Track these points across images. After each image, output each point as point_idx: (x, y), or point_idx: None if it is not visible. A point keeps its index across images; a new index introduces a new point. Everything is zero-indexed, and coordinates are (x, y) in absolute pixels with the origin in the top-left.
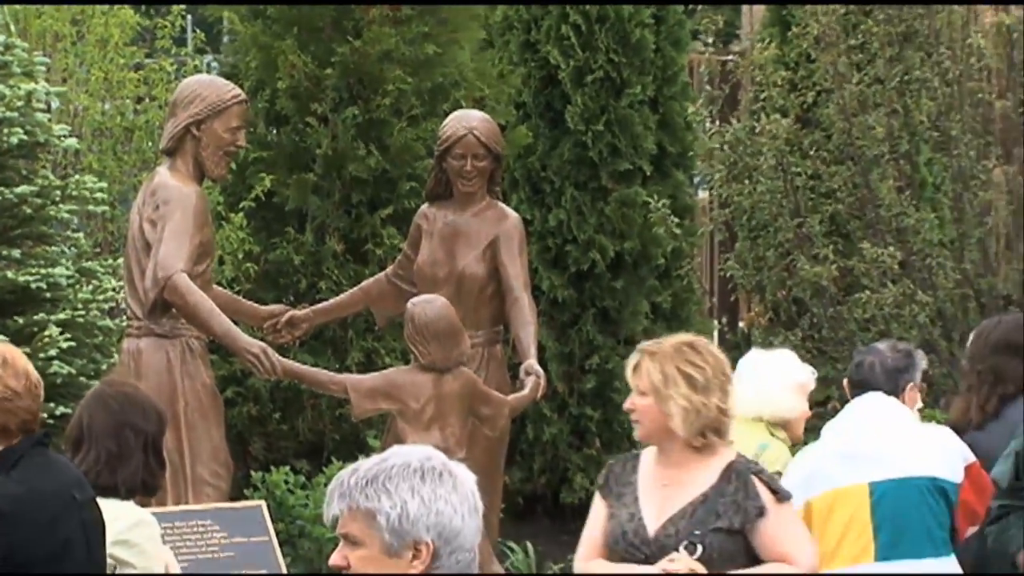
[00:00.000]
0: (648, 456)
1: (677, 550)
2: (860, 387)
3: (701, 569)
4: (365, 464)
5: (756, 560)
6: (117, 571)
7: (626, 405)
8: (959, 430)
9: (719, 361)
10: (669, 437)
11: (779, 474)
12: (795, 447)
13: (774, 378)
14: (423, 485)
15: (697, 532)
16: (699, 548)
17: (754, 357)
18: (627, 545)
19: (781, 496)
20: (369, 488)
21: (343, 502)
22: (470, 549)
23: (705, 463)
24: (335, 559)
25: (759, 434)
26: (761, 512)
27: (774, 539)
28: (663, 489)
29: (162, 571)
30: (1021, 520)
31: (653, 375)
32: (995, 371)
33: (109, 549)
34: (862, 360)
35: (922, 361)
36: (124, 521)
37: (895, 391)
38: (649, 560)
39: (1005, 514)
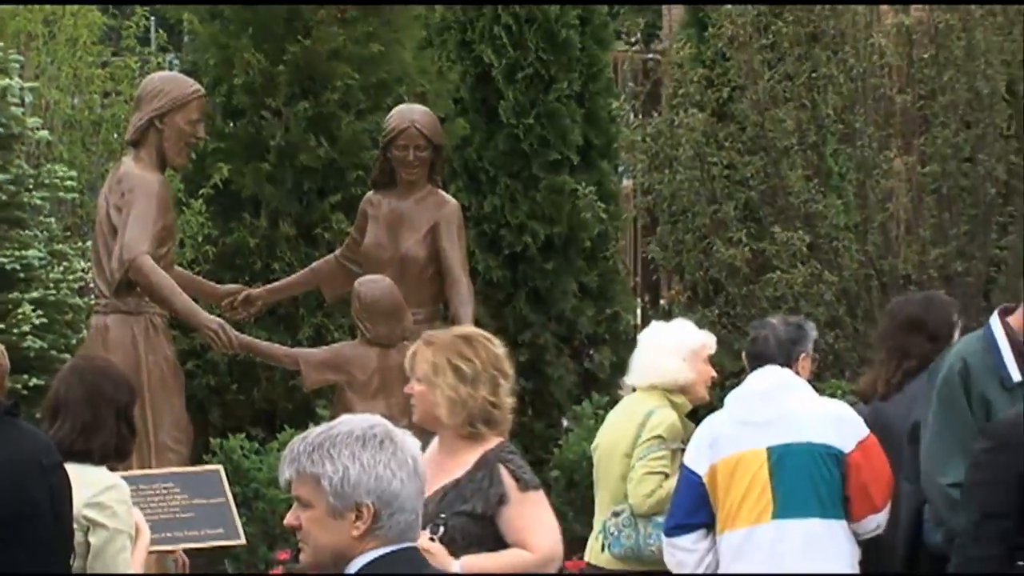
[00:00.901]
0: (435, 440)
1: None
2: (757, 359)
3: (432, 547)
4: (314, 432)
5: (505, 544)
6: (89, 532)
7: (405, 389)
8: (866, 400)
9: (493, 355)
10: (439, 424)
11: (661, 438)
12: (701, 409)
13: (664, 347)
14: (364, 451)
15: (443, 515)
16: (441, 529)
17: (649, 329)
18: None
19: (524, 485)
20: (315, 454)
21: (292, 467)
22: (411, 511)
23: (472, 451)
24: (289, 519)
25: (653, 401)
26: (502, 499)
27: (513, 526)
28: (434, 474)
29: (132, 532)
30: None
31: (425, 364)
32: (901, 348)
33: (82, 511)
34: (757, 335)
35: (812, 332)
36: (97, 485)
37: (788, 362)
38: None
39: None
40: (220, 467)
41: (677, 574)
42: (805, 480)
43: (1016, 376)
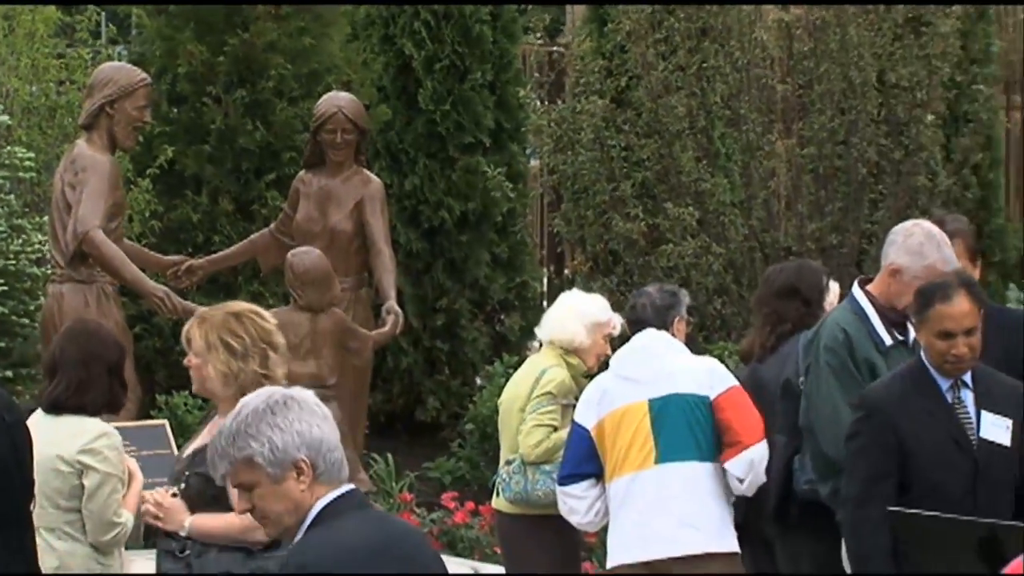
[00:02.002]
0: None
1: None
2: (637, 324)
3: (168, 502)
4: (226, 426)
5: None
6: (84, 476)
7: (185, 362)
8: (746, 361)
9: (262, 330)
10: (215, 395)
11: (551, 394)
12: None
13: (574, 310)
14: (276, 418)
15: (187, 473)
16: (182, 486)
17: (566, 295)
18: None
19: None
20: (238, 441)
21: (224, 462)
22: (336, 448)
23: None
24: (240, 509)
25: (549, 361)
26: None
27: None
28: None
29: (123, 476)
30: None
31: (199, 341)
32: (777, 312)
33: (76, 456)
34: (636, 302)
35: (685, 299)
36: (90, 434)
37: (664, 325)
38: None
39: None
40: (165, 422)
41: (570, 520)
42: (683, 428)
43: (888, 340)
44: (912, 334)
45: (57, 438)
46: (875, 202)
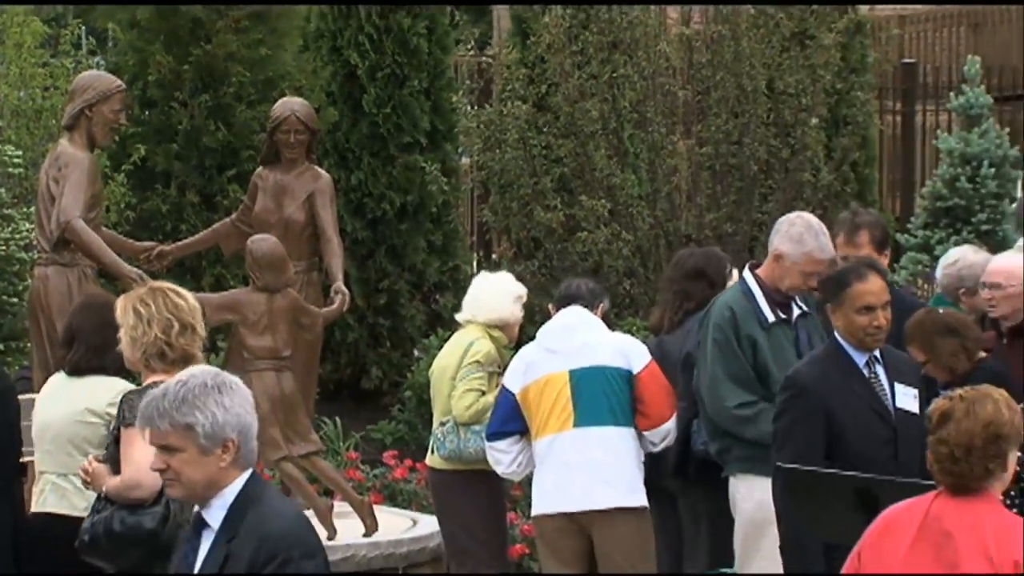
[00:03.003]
0: None
1: None
2: (567, 300)
3: (94, 467)
4: (171, 390)
5: None
6: (111, 424)
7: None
8: (656, 333)
9: (172, 304)
10: (127, 359)
11: (479, 363)
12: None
13: (500, 290)
14: (223, 397)
15: (110, 440)
16: (103, 452)
17: (481, 278)
18: None
19: (124, 422)
20: (183, 407)
21: (164, 420)
22: (255, 437)
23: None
24: (155, 464)
25: (475, 335)
26: (118, 432)
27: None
28: None
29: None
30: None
31: (120, 311)
32: (685, 292)
33: (106, 408)
34: (571, 283)
35: (607, 297)
36: (114, 390)
37: (591, 306)
38: None
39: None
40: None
41: (496, 469)
42: (600, 396)
43: (771, 318)
44: (795, 313)
45: (84, 394)
46: (765, 195)
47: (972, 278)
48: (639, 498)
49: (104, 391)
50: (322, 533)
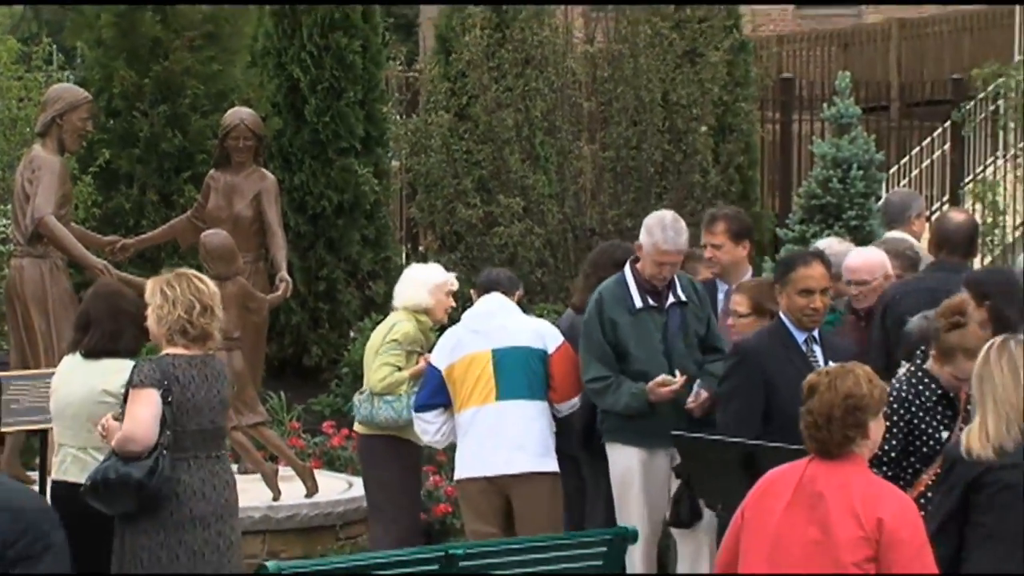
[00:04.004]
0: None
1: None
2: (487, 288)
3: (101, 422)
4: None
5: None
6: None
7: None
8: (579, 311)
9: (195, 288)
10: (153, 335)
11: (396, 342)
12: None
13: (416, 280)
14: None
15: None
16: (119, 410)
17: (408, 268)
18: None
19: (131, 383)
20: None
21: None
22: None
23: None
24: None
25: (400, 317)
26: (126, 393)
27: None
28: None
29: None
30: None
31: (148, 292)
32: (607, 277)
33: (119, 389)
34: (491, 272)
35: (520, 284)
36: (128, 372)
37: (509, 293)
38: None
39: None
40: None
41: (423, 439)
42: (519, 373)
43: (639, 304)
44: (669, 301)
45: (101, 376)
46: (660, 194)
47: (837, 265)
48: (551, 464)
49: (118, 373)
50: (268, 494)
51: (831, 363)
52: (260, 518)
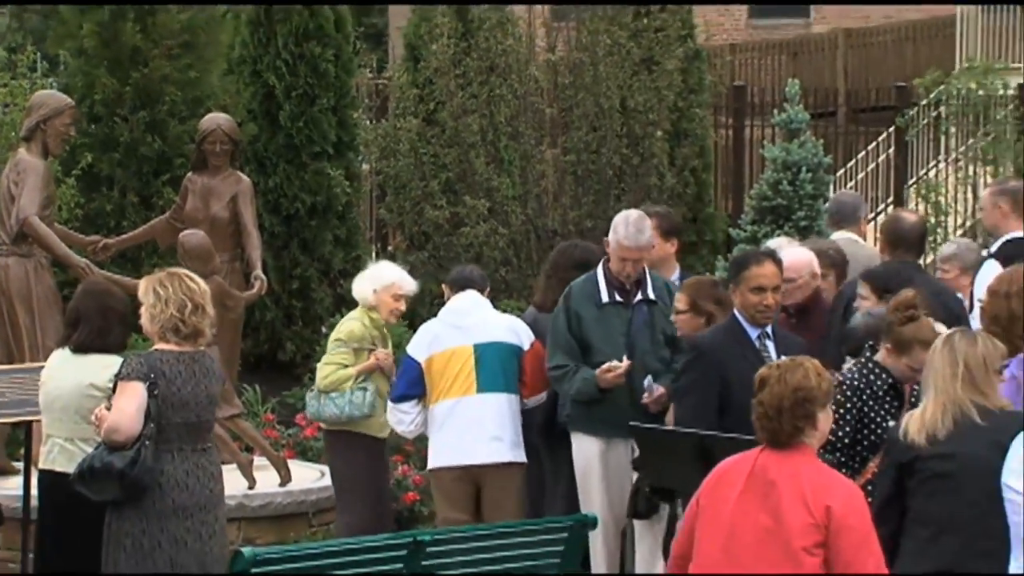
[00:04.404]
0: None
1: None
2: (462, 285)
3: (94, 413)
4: None
5: None
6: (112, 398)
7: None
8: (541, 309)
9: (187, 287)
10: (147, 331)
11: (340, 340)
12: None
13: (368, 277)
14: None
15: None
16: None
17: (371, 265)
18: None
19: (119, 376)
20: None
21: None
22: None
23: None
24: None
25: (353, 314)
26: (115, 385)
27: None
28: None
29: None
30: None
31: (141, 291)
32: (568, 278)
33: (106, 384)
34: (464, 269)
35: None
36: (115, 367)
37: (482, 290)
38: None
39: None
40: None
41: (397, 428)
42: (498, 367)
43: (605, 299)
44: (637, 297)
45: (89, 371)
46: (618, 196)
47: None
48: (521, 455)
49: (106, 368)
50: (244, 483)
51: (783, 357)
52: (236, 506)
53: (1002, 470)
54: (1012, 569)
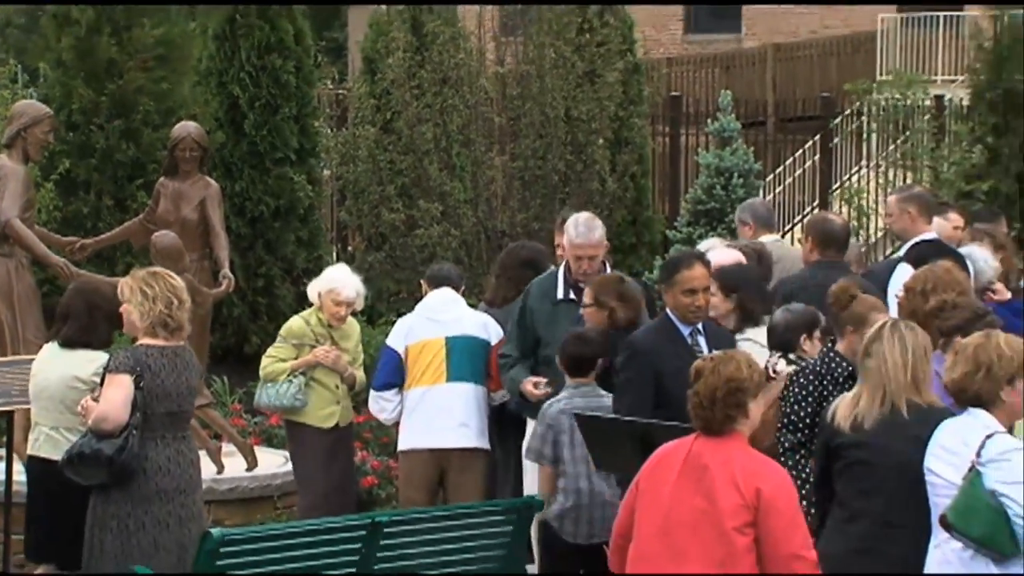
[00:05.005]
0: None
1: None
2: (439, 282)
3: (81, 403)
4: None
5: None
6: (95, 390)
7: (120, 309)
8: (491, 304)
9: (170, 285)
10: (135, 329)
11: (281, 336)
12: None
13: (318, 279)
14: None
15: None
16: (96, 392)
17: (329, 267)
18: None
19: (107, 369)
20: None
21: None
22: None
23: None
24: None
25: (303, 313)
26: (103, 377)
27: None
28: None
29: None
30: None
31: (127, 290)
32: (518, 276)
33: (92, 376)
34: (442, 267)
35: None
36: (100, 362)
37: (458, 288)
38: None
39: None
40: None
41: (380, 416)
42: (467, 360)
43: (560, 295)
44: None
45: (74, 364)
46: (563, 200)
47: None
48: (486, 442)
49: (90, 363)
50: (213, 468)
51: (715, 351)
52: (205, 490)
53: (919, 464)
54: (931, 547)
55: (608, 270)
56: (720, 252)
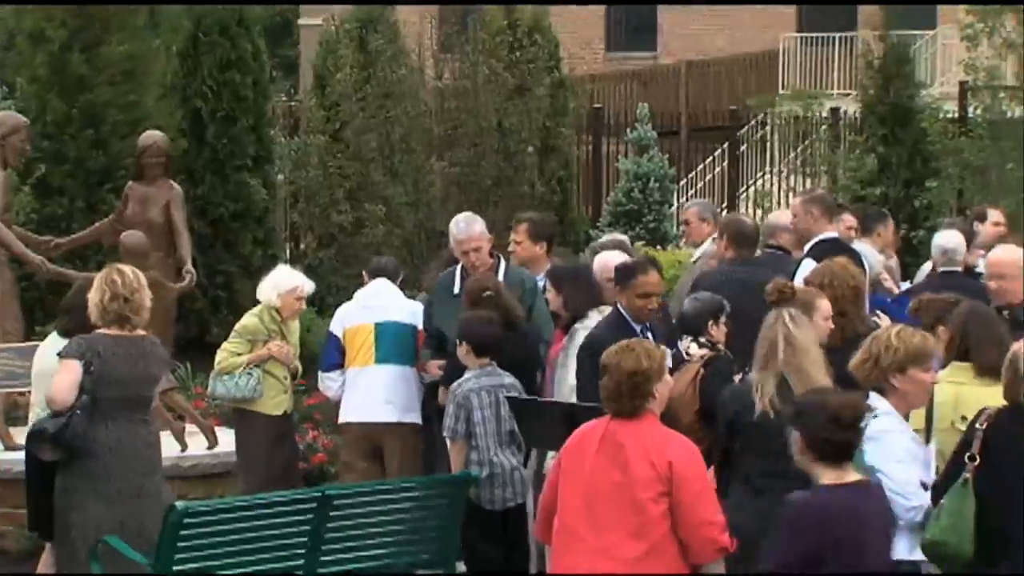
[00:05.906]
0: None
1: None
2: (376, 273)
3: None
4: None
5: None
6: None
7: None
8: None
9: (131, 280)
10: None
11: (236, 332)
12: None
13: (270, 282)
14: None
15: None
16: None
17: (274, 270)
18: None
19: (62, 355)
20: None
21: None
22: None
23: None
24: None
25: (255, 310)
26: None
27: None
28: None
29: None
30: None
31: (92, 284)
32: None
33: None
34: (380, 260)
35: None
36: None
37: (394, 278)
38: None
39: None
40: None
41: (327, 393)
42: (393, 343)
43: (456, 290)
44: None
45: None
46: (496, 203)
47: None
48: (414, 417)
49: None
50: (177, 447)
51: (663, 347)
52: (170, 467)
53: None
54: None
55: (502, 263)
56: (609, 254)
